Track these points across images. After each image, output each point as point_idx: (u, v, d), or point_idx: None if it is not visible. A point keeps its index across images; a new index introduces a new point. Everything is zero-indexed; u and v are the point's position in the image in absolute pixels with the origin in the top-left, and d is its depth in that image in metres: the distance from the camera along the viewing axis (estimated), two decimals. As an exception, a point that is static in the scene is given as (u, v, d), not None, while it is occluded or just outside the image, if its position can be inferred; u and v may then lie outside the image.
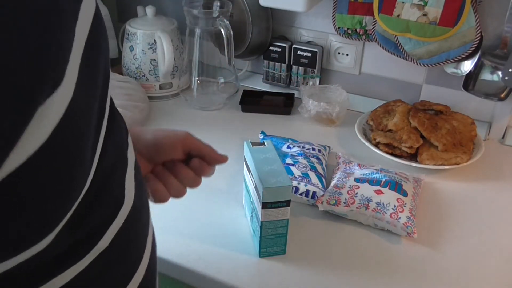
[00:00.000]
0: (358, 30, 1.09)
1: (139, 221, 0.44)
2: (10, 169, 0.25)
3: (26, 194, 0.27)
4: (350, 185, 0.83)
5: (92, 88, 0.31)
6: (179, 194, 0.61)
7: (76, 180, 0.30)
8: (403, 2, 0.99)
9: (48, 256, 0.32)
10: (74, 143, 0.29)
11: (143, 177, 0.53)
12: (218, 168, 0.63)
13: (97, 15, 0.32)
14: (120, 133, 0.40)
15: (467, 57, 1.00)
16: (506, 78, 0.96)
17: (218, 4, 1.08)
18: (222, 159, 0.62)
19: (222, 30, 1.06)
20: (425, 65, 1.05)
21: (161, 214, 0.59)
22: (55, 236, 0.31)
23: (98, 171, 0.34)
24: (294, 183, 0.84)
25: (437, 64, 1.03)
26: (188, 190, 0.61)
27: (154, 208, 0.59)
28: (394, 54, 1.07)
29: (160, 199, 0.59)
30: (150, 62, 1.15)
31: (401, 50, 1.04)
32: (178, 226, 0.80)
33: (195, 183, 0.61)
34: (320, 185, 0.85)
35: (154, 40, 1.13)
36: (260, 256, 0.74)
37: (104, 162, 0.35)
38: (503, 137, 1.06)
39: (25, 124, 0.25)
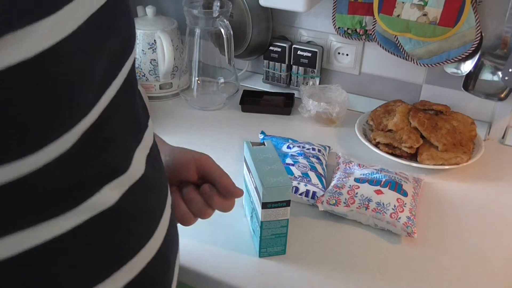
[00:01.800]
0: (358, 30, 1.09)
1: (149, 199, 0.43)
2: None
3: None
4: (350, 185, 0.83)
5: (98, 44, 0.33)
6: (185, 220, 0.57)
7: (65, 111, 0.31)
8: (403, 2, 0.99)
9: (40, 189, 0.32)
10: (63, 74, 0.30)
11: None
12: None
13: None
14: (135, 108, 0.42)
15: (467, 57, 1.00)
16: (506, 78, 0.96)
17: (218, 4, 1.08)
18: (235, 191, 0.57)
19: (222, 30, 1.06)
20: (425, 65, 1.05)
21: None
22: (46, 168, 0.31)
23: (102, 123, 0.35)
24: (294, 183, 0.84)
25: (437, 64, 1.03)
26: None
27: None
28: (394, 54, 1.07)
29: None
30: (150, 62, 1.15)
31: (401, 50, 1.04)
32: (178, 226, 0.79)
33: (203, 213, 0.56)
34: (320, 185, 0.85)
35: (154, 40, 1.13)
36: (260, 256, 0.74)
37: (112, 119, 0.37)
38: (503, 137, 1.06)
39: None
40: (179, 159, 0.58)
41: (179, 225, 0.61)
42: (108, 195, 0.38)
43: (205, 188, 0.57)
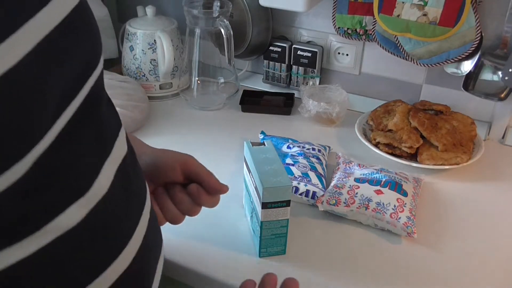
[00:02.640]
0: (358, 30, 1.09)
1: (120, 210, 0.43)
2: None
3: None
4: (350, 185, 0.83)
5: (51, 69, 0.32)
6: (174, 220, 0.58)
7: (13, 141, 0.30)
8: (403, 2, 0.99)
9: (2, 217, 0.32)
10: (10, 105, 0.29)
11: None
12: (218, 168, 0.63)
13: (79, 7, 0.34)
14: (101, 120, 0.41)
15: (467, 57, 1.00)
16: (506, 78, 0.96)
17: (218, 4, 1.08)
18: (222, 188, 0.59)
19: (222, 30, 1.06)
20: (425, 65, 1.05)
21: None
22: (6, 196, 0.31)
23: (59, 147, 0.34)
24: (294, 183, 0.84)
25: (437, 64, 1.03)
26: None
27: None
28: (394, 54, 1.07)
29: None
30: (150, 62, 1.15)
31: (401, 50, 1.04)
32: (178, 226, 0.79)
33: (192, 211, 0.58)
34: (320, 185, 0.85)
35: (154, 40, 1.13)
36: (260, 256, 0.74)
37: (71, 139, 0.36)
38: (503, 137, 1.06)
39: None
40: (163, 162, 0.58)
41: (179, 225, 0.61)
42: (73, 215, 0.37)
43: (193, 189, 0.58)
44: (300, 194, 0.84)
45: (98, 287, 0.40)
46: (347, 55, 1.16)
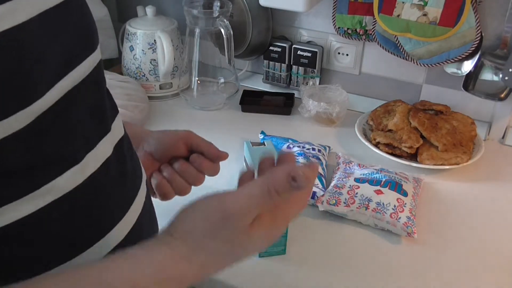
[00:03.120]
0: (358, 30, 1.09)
1: (113, 187, 0.46)
2: None
3: None
4: (350, 185, 0.83)
5: (50, 37, 0.37)
6: (182, 191, 0.61)
7: (18, 90, 0.34)
8: (403, 2, 0.99)
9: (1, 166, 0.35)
10: (16, 58, 0.33)
11: (151, 174, 0.61)
12: (218, 168, 0.63)
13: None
14: (101, 104, 0.46)
15: (467, 57, 1.00)
16: (506, 78, 0.96)
17: (218, 4, 1.08)
18: (222, 155, 0.63)
19: (222, 30, 1.06)
20: (425, 65, 1.05)
21: (161, 213, 0.59)
22: (4, 142, 0.34)
23: (59, 111, 0.38)
24: (294, 183, 0.84)
25: (437, 64, 1.03)
26: (191, 190, 0.61)
27: (155, 208, 0.59)
28: (394, 54, 1.07)
29: (164, 196, 0.61)
30: (150, 62, 1.15)
31: (401, 50, 1.04)
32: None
33: (197, 180, 0.61)
34: (320, 185, 0.85)
35: (154, 40, 1.13)
36: (260, 256, 0.74)
37: (71, 109, 0.40)
38: (503, 137, 1.06)
39: None
40: (166, 140, 0.62)
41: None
42: (69, 180, 0.40)
43: (194, 157, 0.61)
44: (300, 194, 0.84)
45: (89, 257, 0.43)
46: (347, 55, 1.16)
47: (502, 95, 1.00)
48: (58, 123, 0.39)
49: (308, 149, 0.94)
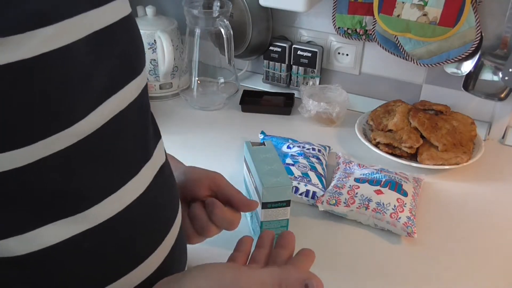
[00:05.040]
0: (358, 30, 1.09)
1: (152, 215, 0.45)
2: None
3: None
4: (350, 185, 0.83)
5: (95, 60, 0.36)
6: (189, 238, 0.56)
7: (57, 110, 0.33)
8: (403, 2, 0.99)
9: (37, 190, 0.34)
10: (58, 78, 0.33)
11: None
12: (218, 168, 0.62)
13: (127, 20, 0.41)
14: (145, 131, 0.45)
15: (467, 57, 1.00)
16: (506, 78, 0.96)
17: (218, 4, 1.08)
18: (251, 204, 0.57)
19: (222, 30, 1.06)
20: (425, 65, 1.05)
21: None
22: (40, 165, 0.33)
23: (103, 136, 0.37)
24: (294, 183, 0.84)
25: (437, 64, 1.03)
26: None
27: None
28: (394, 54, 1.07)
29: None
30: (150, 62, 1.15)
31: (401, 50, 1.04)
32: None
33: (205, 230, 0.55)
34: (320, 185, 0.85)
35: (154, 40, 1.13)
36: (260, 256, 0.74)
37: (117, 134, 0.39)
38: (503, 137, 1.06)
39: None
40: (191, 176, 0.58)
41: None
42: (107, 208, 0.39)
43: (210, 201, 0.56)
44: (300, 194, 0.84)
45: (122, 287, 0.41)
46: (347, 55, 1.16)
47: (502, 95, 1.00)
48: (101, 149, 0.38)
49: (308, 149, 0.94)
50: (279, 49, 1.18)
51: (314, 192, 0.83)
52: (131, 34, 0.42)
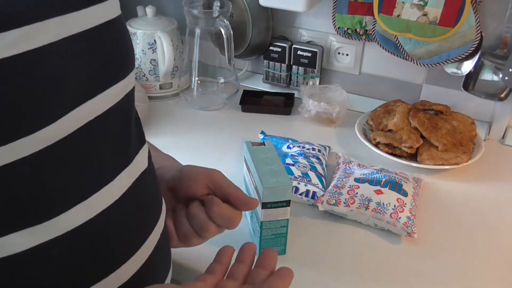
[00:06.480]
0: (358, 30, 1.09)
1: (127, 223, 0.43)
2: None
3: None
4: (350, 185, 0.83)
5: (74, 61, 0.36)
6: (187, 240, 0.54)
7: (29, 110, 0.33)
8: (403, 2, 0.99)
9: (11, 192, 0.34)
10: (32, 78, 0.32)
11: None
12: (218, 168, 0.62)
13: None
14: (126, 136, 0.43)
15: (467, 57, 1.00)
16: (506, 78, 0.96)
17: (218, 4, 1.08)
18: (251, 202, 0.54)
19: (222, 30, 1.06)
20: (425, 65, 1.05)
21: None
22: (15, 166, 0.33)
23: (77, 139, 0.37)
24: (294, 183, 0.84)
25: (437, 64, 1.03)
26: None
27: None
28: (394, 54, 1.07)
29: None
30: (150, 62, 1.15)
31: (401, 50, 1.04)
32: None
33: (203, 228, 0.53)
34: (320, 185, 0.85)
35: (154, 40, 1.13)
36: (260, 256, 0.74)
37: (88, 141, 0.38)
38: (503, 137, 1.06)
39: None
40: (188, 173, 0.56)
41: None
42: (77, 215, 0.38)
43: (208, 199, 0.53)
44: (300, 194, 0.84)
45: None
46: (347, 55, 1.16)
47: (502, 95, 1.00)
48: (73, 155, 0.37)
49: (308, 149, 0.94)
50: (279, 49, 1.18)
51: (314, 192, 0.83)
52: (117, 37, 0.41)
